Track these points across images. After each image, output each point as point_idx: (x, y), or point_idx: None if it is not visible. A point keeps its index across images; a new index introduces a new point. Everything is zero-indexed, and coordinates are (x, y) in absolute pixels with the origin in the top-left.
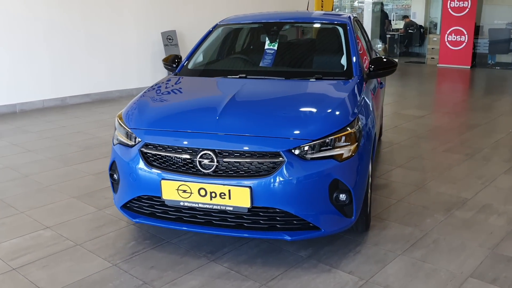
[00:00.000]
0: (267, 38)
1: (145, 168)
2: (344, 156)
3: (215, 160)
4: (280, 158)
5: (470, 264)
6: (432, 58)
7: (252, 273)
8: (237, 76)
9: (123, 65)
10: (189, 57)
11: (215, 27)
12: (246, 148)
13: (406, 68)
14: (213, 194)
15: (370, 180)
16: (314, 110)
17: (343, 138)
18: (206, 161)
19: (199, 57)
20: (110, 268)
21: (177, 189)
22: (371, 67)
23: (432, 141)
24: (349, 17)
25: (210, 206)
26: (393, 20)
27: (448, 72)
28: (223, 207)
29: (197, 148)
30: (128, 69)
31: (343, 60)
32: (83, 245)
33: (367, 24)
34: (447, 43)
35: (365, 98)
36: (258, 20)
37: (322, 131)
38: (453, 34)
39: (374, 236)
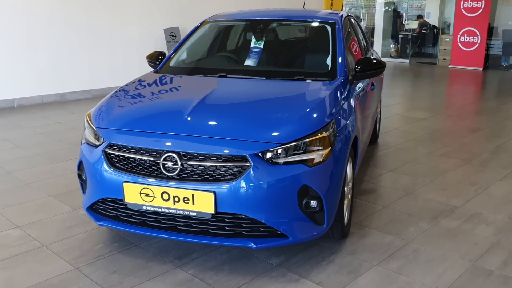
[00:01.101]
0: (253, 36)
1: (108, 169)
2: (316, 161)
3: (179, 163)
4: (247, 162)
5: (448, 277)
6: (444, 59)
7: (217, 281)
8: (217, 75)
9: (124, 61)
10: (172, 54)
11: (202, 23)
12: (211, 151)
13: (417, 69)
14: (176, 199)
15: (350, 185)
16: (287, 112)
17: (316, 142)
18: (169, 164)
19: (182, 55)
20: (71, 272)
21: (140, 193)
22: (357, 67)
23: (430, 144)
24: (341, 15)
25: (174, 211)
26: (405, 20)
27: (459, 74)
28: (186, 212)
29: (160, 150)
30: (129, 65)
31: (329, 60)
32: (49, 246)
33: (379, 24)
34: (459, 44)
35: (348, 100)
36: (246, 17)
37: (292, 135)
38: (465, 35)
39: (352, 244)
